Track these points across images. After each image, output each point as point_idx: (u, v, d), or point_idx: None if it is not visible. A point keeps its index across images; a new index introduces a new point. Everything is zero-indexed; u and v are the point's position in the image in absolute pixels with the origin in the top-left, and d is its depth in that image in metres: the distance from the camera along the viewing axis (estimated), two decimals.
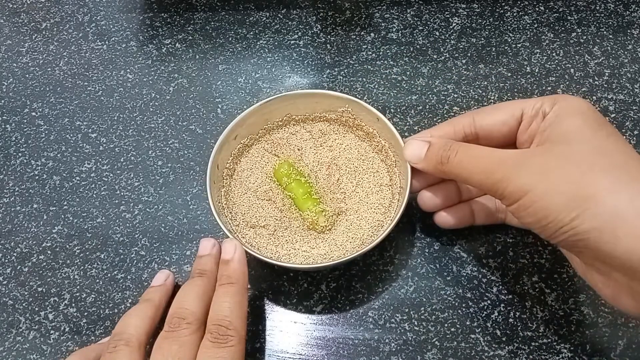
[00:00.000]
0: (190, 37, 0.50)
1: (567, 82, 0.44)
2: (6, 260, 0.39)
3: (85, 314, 0.36)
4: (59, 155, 0.43)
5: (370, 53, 0.47)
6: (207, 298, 0.30)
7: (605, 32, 0.47)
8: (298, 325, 0.35)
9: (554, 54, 0.46)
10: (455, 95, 0.44)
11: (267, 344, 0.34)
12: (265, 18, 0.50)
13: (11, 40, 0.51)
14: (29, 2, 0.54)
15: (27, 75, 0.48)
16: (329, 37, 0.49)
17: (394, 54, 0.47)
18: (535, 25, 0.48)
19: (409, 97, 0.44)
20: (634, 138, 0.41)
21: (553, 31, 0.47)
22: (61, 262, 0.38)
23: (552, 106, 0.29)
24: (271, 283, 0.36)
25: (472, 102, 0.44)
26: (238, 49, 0.49)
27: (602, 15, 0.48)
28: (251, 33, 0.49)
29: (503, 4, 0.49)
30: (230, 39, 0.49)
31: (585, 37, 0.47)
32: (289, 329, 0.35)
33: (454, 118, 0.34)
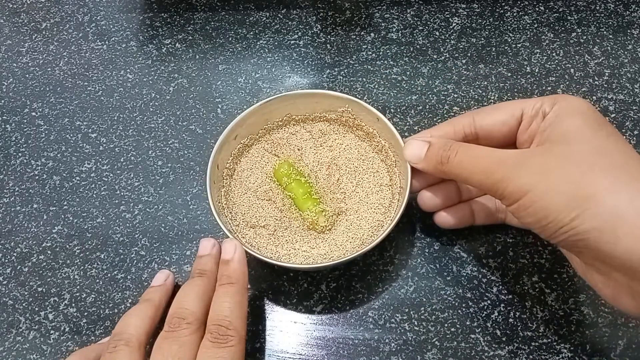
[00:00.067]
0: (190, 37, 0.50)
1: (567, 82, 0.44)
2: (6, 260, 0.39)
3: (85, 314, 0.36)
4: (59, 155, 0.43)
5: (370, 53, 0.47)
6: (207, 298, 0.30)
7: (605, 32, 0.47)
8: (298, 325, 0.35)
9: (554, 54, 0.46)
10: (455, 95, 0.44)
11: (267, 344, 0.34)
12: (265, 18, 0.50)
13: (11, 40, 0.51)
14: (29, 2, 0.54)
15: (27, 75, 0.48)
16: (329, 37, 0.49)
17: (394, 54, 0.47)
18: (535, 25, 0.48)
19: (409, 97, 0.44)
20: (634, 138, 0.41)
21: (553, 31, 0.47)
22: (61, 262, 0.38)
23: (552, 106, 0.29)
24: (271, 283, 0.36)
25: (472, 102, 0.44)
26: (238, 49, 0.49)
27: (602, 15, 0.48)
28: (251, 33, 0.49)
29: (503, 4, 0.49)
30: (230, 39, 0.49)
31: (585, 37, 0.47)
32: (289, 329, 0.35)
33: (454, 118, 0.34)
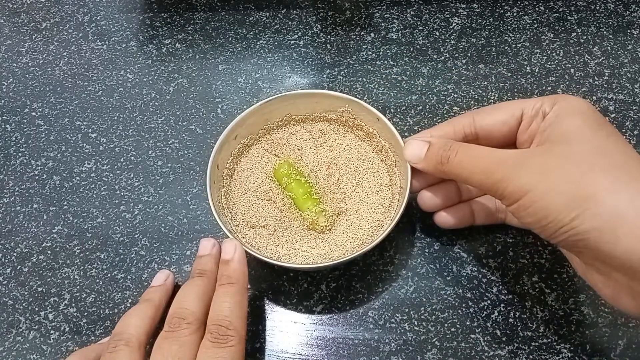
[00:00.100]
0: (190, 37, 0.50)
1: (567, 82, 0.44)
2: (6, 260, 0.39)
3: (85, 314, 0.36)
4: (59, 155, 0.43)
5: (370, 53, 0.47)
6: (207, 298, 0.30)
7: (605, 32, 0.47)
8: (298, 325, 0.35)
9: (554, 54, 0.46)
10: (455, 95, 0.44)
11: (267, 344, 0.34)
12: (265, 18, 0.50)
13: (11, 40, 0.51)
14: (29, 2, 0.54)
15: (27, 75, 0.48)
16: (329, 37, 0.49)
17: (394, 54, 0.47)
18: (535, 25, 0.48)
19: (409, 97, 0.44)
20: (634, 138, 0.41)
21: (553, 31, 0.47)
22: (61, 262, 0.38)
23: (552, 106, 0.29)
24: (271, 283, 0.36)
25: (472, 102, 0.44)
26: (238, 49, 0.49)
27: (602, 15, 0.48)
28: (251, 33, 0.49)
29: (503, 4, 0.49)
30: (230, 39, 0.49)
31: (585, 37, 0.47)
32: (289, 329, 0.35)
33: (454, 118, 0.34)
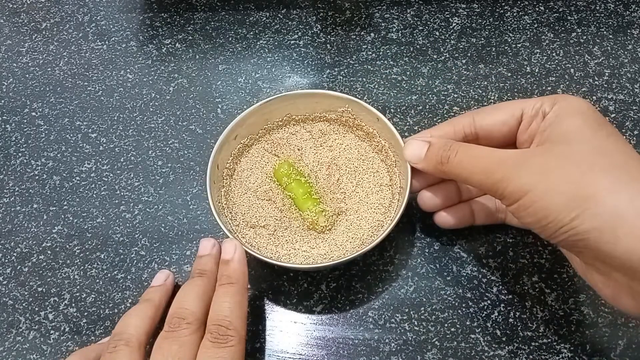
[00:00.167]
0: (190, 37, 0.50)
1: (567, 82, 0.44)
2: (6, 260, 0.39)
3: (85, 314, 0.36)
4: (59, 155, 0.43)
5: (370, 53, 0.47)
6: (207, 298, 0.30)
7: (605, 32, 0.47)
8: (298, 325, 0.35)
9: (554, 54, 0.46)
10: (455, 95, 0.44)
11: (267, 344, 0.34)
12: (265, 18, 0.50)
13: (11, 40, 0.51)
14: (29, 2, 0.54)
15: (27, 75, 0.48)
16: (329, 37, 0.49)
17: (394, 54, 0.47)
18: (535, 25, 0.48)
19: (409, 97, 0.44)
20: (634, 138, 0.41)
21: (553, 31, 0.47)
22: (61, 262, 0.38)
23: (552, 106, 0.29)
24: (271, 283, 0.36)
25: (472, 102, 0.44)
26: (238, 49, 0.49)
27: (602, 15, 0.48)
28: (251, 33, 0.49)
29: (503, 4, 0.49)
30: (230, 39, 0.49)
31: (585, 37, 0.47)
32: (289, 329, 0.35)
33: (454, 118, 0.34)
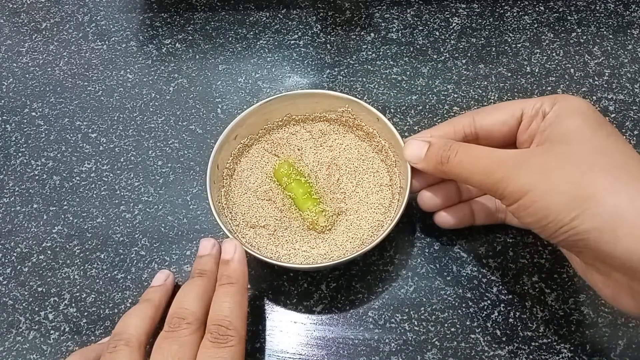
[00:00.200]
0: (190, 37, 0.50)
1: (567, 82, 0.44)
2: (6, 260, 0.39)
3: (85, 314, 0.36)
4: (59, 155, 0.43)
5: (370, 53, 0.47)
6: (207, 298, 0.30)
7: (605, 32, 0.47)
8: (298, 325, 0.35)
9: (554, 54, 0.46)
10: (455, 95, 0.44)
11: (267, 344, 0.34)
12: (265, 18, 0.50)
13: (11, 40, 0.51)
14: (29, 2, 0.54)
15: (27, 75, 0.48)
16: (329, 37, 0.49)
17: (394, 54, 0.47)
18: (535, 25, 0.48)
19: (409, 97, 0.44)
20: (634, 138, 0.41)
21: (553, 31, 0.47)
22: (61, 262, 0.38)
23: (552, 106, 0.29)
24: (271, 283, 0.36)
25: (472, 102, 0.44)
26: (238, 49, 0.49)
27: (602, 15, 0.48)
28: (251, 33, 0.49)
29: (503, 4, 0.49)
30: (230, 39, 0.49)
31: (585, 37, 0.47)
32: (289, 329, 0.35)
33: (454, 118, 0.34)
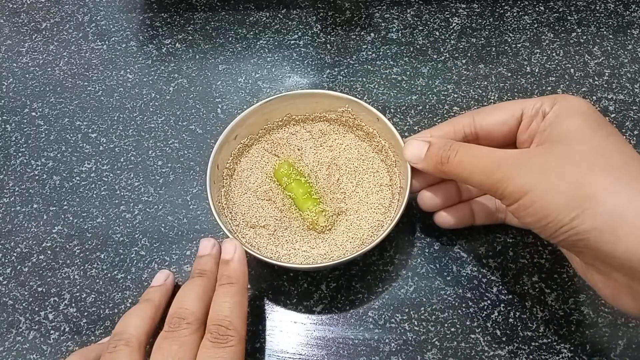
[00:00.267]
0: (190, 37, 0.50)
1: (567, 82, 0.44)
2: (6, 260, 0.39)
3: (85, 314, 0.36)
4: (59, 155, 0.43)
5: (370, 53, 0.47)
6: (207, 298, 0.30)
7: (605, 32, 0.47)
8: (298, 325, 0.35)
9: (554, 54, 0.46)
10: (455, 95, 0.44)
11: (267, 344, 0.34)
12: (265, 18, 0.50)
13: (11, 40, 0.51)
14: (29, 2, 0.54)
15: (27, 75, 0.48)
16: (329, 37, 0.49)
17: (394, 54, 0.47)
18: (535, 25, 0.48)
19: (409, 97, 0.44)
20: (634, 138, 0.41)
21: (553, 31, 0.47)
22: (61, 262, 0.38)
23: (552, 106, 0.29)
24: (271, 283, 0.36)
25: (472, 102, 0.44)
26: (238, 49, 0.49)
27: (602, 15, 0.48)
28: (251, 33, 0.49)
29: (503, 4, 0.49)
30: (230, 39, 0.49)
31: (585, 37, 0.47)
32: (289, 329, 0.35)
33: (454, 118, 0.34)
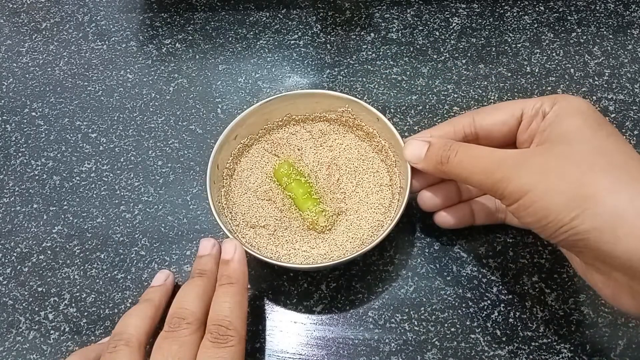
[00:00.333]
0: (190, 37, 0.50)
1: (567, 82, 0.44)
2: (6, 260, 0.39)
3: (85, 314, 0.36)
4: (59, 155, 0.43)
5: (370, 53, 0.47)
6: (207, 298, 0.30)
7: (605, 32, 0.47)
8: (298, 325, 0.35)
9: (554, 54, 0.46)
10: (455, 95, 0.44)
11: (267, 344, 0.34)
12: (265, 18, 0.50)
13: (11, 40, 0.51)
14: (29, 2, 0.54)
15: (27, 75, 0.48)
16: (329, 37, 0.49)
17: (394, 54, 0.47)
18: (535, 25, 0.48)
19: (409, 97, 0.44)
20: (634, 138, 0.41)
21: (553, 31, 0.47)
22: (61, 262, 0.38)
23: (552, 106, 0.29)
24: (271, 283, 0.36)
25: (472, 102, 0.44)
26: (238, 49, 0.49)
27: (602, 15, 0.48)
28: (251, 33, 0.49)
29: (503, 4, 0.49)
30: (230, 39, 0.49)
31: (585, 37, 0.47)
32: (289, 329, 0.35)
33: (454, 118, 0.34)
